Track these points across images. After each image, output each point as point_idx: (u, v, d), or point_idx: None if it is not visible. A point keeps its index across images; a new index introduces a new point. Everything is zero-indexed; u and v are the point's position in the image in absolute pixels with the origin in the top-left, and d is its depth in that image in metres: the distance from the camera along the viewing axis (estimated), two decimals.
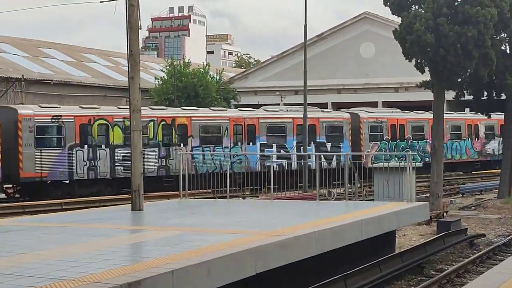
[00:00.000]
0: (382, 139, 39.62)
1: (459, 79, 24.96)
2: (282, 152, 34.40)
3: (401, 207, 15.02)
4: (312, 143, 35.97)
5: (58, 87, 46.00)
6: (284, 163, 32.46)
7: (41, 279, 7.59)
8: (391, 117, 40.55)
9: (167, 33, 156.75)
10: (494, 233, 19.67)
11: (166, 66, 51.80)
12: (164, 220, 13.26)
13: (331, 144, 37.06)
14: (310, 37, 50.74)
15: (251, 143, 34.48)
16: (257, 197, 24.49)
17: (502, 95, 27.24)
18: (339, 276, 11.59)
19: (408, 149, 38.79)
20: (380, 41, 51.44)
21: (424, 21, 22.51)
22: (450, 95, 27.25)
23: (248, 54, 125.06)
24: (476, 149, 44.87)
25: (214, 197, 20.01)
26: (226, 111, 36.68)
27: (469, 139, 44.34)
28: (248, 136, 34.44)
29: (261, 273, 9.67)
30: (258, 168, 28.92)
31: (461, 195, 31.02)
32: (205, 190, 20.77)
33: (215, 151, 32.46)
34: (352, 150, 36.97)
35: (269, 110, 37.04)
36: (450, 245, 16.89)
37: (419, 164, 20.89)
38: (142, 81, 51.89)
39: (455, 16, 22.83)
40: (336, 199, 22.80)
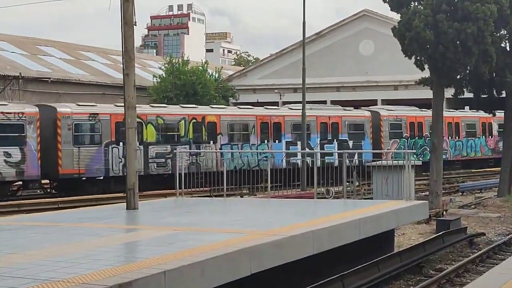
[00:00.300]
0: (402, 136, 40.32)
1: (458, 76, 24.80)
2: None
3: (400, 205, 14.83)
4: (335, 140, 36.93)
5: (56, 85, 45.83)
6: (309, 160, 32.58)
7: (29, 280, 7.41)
8: (410, 115, 41.12)
9: (166, 31, 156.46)
10: (494, 232, 19.48)
11: (164, 64, 51.62)
12: (159, 219, 13.06)
13: (353, 141, 37.79)
14: (309, 35, 50.60)
15: (277, 141, 35.21)
16: (255, 196, 24.32)
17: (502, 92, 27.05)
18: (336, 276, 11.41)
19: (426, 146, 39.55)
20: (380, 39, 51.24)
21: (423, 17, 22.32)
22: (449, 93, 27.06)
23: (247, 52, 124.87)
24: (490, 146, 45.95)
25: (211, 195, 19.85)
26: (253, 109, 37.24)
27: (483, 136, 45.42)
28: (274, 134, 35.14)
29: (256, 273, 9.49)
30: (284, 165, 29.38)
31: (460, 193, 30.86)
32: (202, 189, 20.62)
33: (242, 148, 33.60)
34: (373, 147, 37.63)
35: (294, 108, 37.46)
36: (450, 244, 16.71)
37: (418, 162, 20.66)
38: (141, 79, 51.19)
39: (455, 12, 22.64)
40: (334, 197, 22.66)
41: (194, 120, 32.64)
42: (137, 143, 14.67)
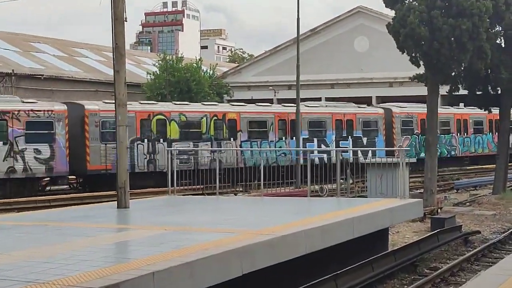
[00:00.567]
0: (413, 133, 40.80)
1: (453, 73, 24.64)
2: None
3: (394, 204, 14.66)
4: (350, 137, 37.41)
5: (49, 82, 45.55)
6: (324, 157, 32.55)
7: (13, 282, 7.20)
8: (421, 112, 41.26)
9: (160, 28, 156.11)
10: (489, 230, 19.33)
11: (158, 60, 51.36)
12: (149, 218, 12.85)
13: (366, 138, 38.23)
14: (303, 32, 50.40)
15: (294, 138, 35.34)
16: (248, 193, 24.12)
17: (497, 89, 26.89)
18: (329, 275, 11.23)
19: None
20: (374, 35, 51.06)
21: (418, 13, 22.15)
22: (444, 89, 26.90)
23: (242, 49, 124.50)
24: (496, 143, 46.02)
25: (203, 193, 19.65)
26: (271, 106, 37.69)
27: (490, 133, 45.94)
28: (291, 131, 35.47)
29: (248, 273, 9.30)
30: (301, 162, 29.53)
31: (455, 190, 30.72)
32: (195, 186, 20.42)
33: (261, 145, 34.06)
34: (385, 144, 37.97)
35: (310, 106, 37.95)
36: (445, 242, 16.55)
37: (412, 159, 20.48)
38: (135, 76, 50.96)
39: (449, 8, 22.46)
40: (328, 195, 22.48)
41: (215, 118, 33.26)
42: (127, 142, 14.36)
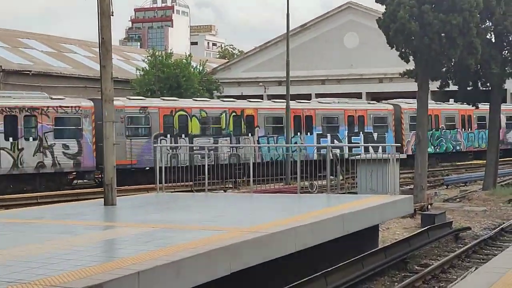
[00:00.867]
0: None
1: (443, 68, 24.53)
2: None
3: (384, 200, 14.52)
4: (361, 133, 37.92)
5: (37, 78, 45.25)
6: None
7: None
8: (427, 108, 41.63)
9: (150, 24, 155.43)
10: (480, 226, 19.24)
11: (147, 56, 51.08)
12: (136, 216, 12.67)
13: (377, 134, 38.71)
14: (293, 28, 50.23)
15: (308, 133, 36.01)
16: (238, 190, 23.97)
17: (487, 85, 26.81)
18: (319, 273, 11.09)
19: (442, 138, 41.90)
20: (364, 31, 51.00)
21: (408, 8, 22.01)
22: (434, 85, 26.80)
23: (232, 45, 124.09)
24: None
25: (192, 190, 19.46)
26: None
27: None
28: (306, 127, 35.99)
29: (236, 272, 9.14)
30: (315, 157, 29.54)
31: (445, 186, 30.65)
32: (183, 183, 20.23)
33: (278, 140, 34.46)
34: (395, 139, 38.22)
35: (323, 102, 38.61)
36: (435, 239, 16.44)
37: (403, 156, 20.33)
38: (124, 72, 50.87)
39: (440, 3, 22.34)
40: (318, 191, 22.34)
41: (234, 114, 33.67)
42: (113, 138, 14.15)
